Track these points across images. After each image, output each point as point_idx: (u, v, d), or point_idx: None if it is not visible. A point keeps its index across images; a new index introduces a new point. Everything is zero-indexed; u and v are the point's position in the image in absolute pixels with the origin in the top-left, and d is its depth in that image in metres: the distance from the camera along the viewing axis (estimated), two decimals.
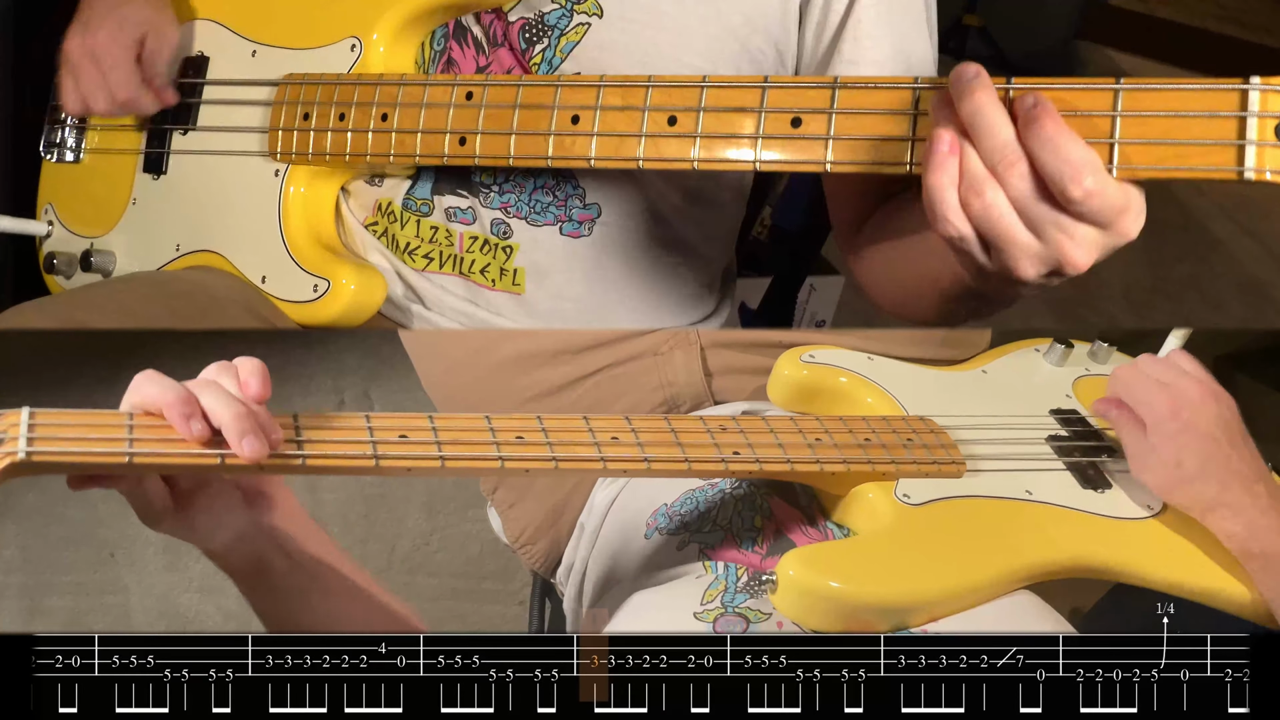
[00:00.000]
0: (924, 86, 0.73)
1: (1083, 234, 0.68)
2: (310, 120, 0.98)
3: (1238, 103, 0.65)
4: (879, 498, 0.83)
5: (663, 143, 0.81)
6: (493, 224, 1.03)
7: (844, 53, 0.97)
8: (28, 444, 0.63)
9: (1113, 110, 0.67)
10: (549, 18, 0.98)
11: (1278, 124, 0.64)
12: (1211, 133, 0.66)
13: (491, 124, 0.88)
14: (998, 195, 0.68)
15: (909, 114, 0.73)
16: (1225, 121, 0.65)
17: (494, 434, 0.74)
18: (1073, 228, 0.67)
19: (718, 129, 0.80)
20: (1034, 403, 0.96)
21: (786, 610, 0.77)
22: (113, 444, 0.64)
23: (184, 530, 0.71)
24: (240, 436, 0.64)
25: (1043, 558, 0.81)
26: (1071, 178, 0.65)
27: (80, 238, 1.15)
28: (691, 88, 0.80)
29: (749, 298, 1.34)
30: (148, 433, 0.65)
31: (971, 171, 0.68)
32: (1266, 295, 2.44)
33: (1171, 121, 0.66)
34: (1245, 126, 0.65)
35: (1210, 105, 0.66)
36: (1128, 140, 0.67)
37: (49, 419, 0.65)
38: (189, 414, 0.64)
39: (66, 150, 1.16)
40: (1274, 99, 0.64)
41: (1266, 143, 0.64)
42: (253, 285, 1.02)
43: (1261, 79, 0.65)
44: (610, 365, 1.06)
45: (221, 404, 0.65)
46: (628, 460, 0.76)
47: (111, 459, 0.64)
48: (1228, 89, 0.65)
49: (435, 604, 1.81)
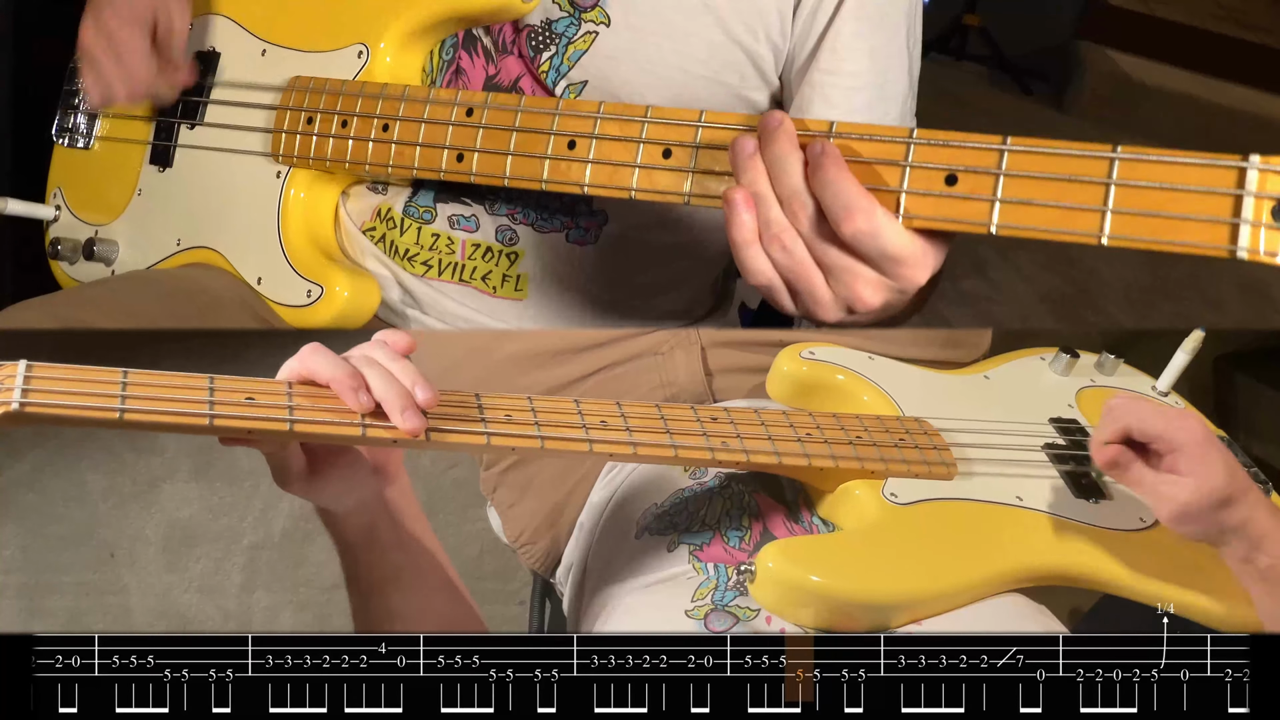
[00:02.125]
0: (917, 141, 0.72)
1: (867, 275, 0.72)
2: (313, 125, 0.98)
3: (1235, 180, 0.64)
4: (866, 495, 0.83)
5: (656, 175, 0.82)
6: (498, 231, 1.03)
7: (821, 62, 0.98)
8: (22, 395, 0.64)
9: (1107, 179, 0.66)
10: (557, 25, 0.98)
11: (1274, 205, 0.62)
12: (1207, 209, 0.64)
13: (489, 143, 0.89)
14: (796, 242, 0.72)
15: (901, 165, 0.72)
16: (1221, 199, 0.64)
17: (482, 410, 0.75)
18: (857, 268, 0.72)
19: (712, 165, 0.80)
20: (1034, 410, 0.96)
21: (765, 601, 0.77)
22: (106, 399, 0.65)
23: (313, 493, 0.75)
24: (401, 411, 0.69)
25: (1025, 563, 0.81)
26: (844, 218, 0.70)
27: (86, 224, 1.15)
28: (688, 126, 0.81)
29: (749, 298, 1.34)
30: (140, 390, 0.66)
31: (772, 220, 0.73)
32: (1266, 295, 2.44)
33: (1167, 194, 0.65)
34: (1241, 205, 0.63)
35: (1207, 181, 0.64)
36: (1121, 210, 0.66)
37: (46, 372, 0.66)
38: (356, 387, 0.69)
39: (79, 136, 1.17)
40: (1273, 180, 0.63)
41: (1261, 223, 0.63)
42: (249, 285, 1.02)
43: (1261, 158, 0.63)
44: (611, 365, 1.06)
45: (384, 382, 0.70)
46: (614, 444, 0.77)
47: (103, 414, 0.65)
48: (1226, 166, 0.64)
49: None
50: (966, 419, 0.91)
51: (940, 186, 0.71)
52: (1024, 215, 0.68)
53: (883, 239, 0.70)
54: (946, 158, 0.71)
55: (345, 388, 0.69)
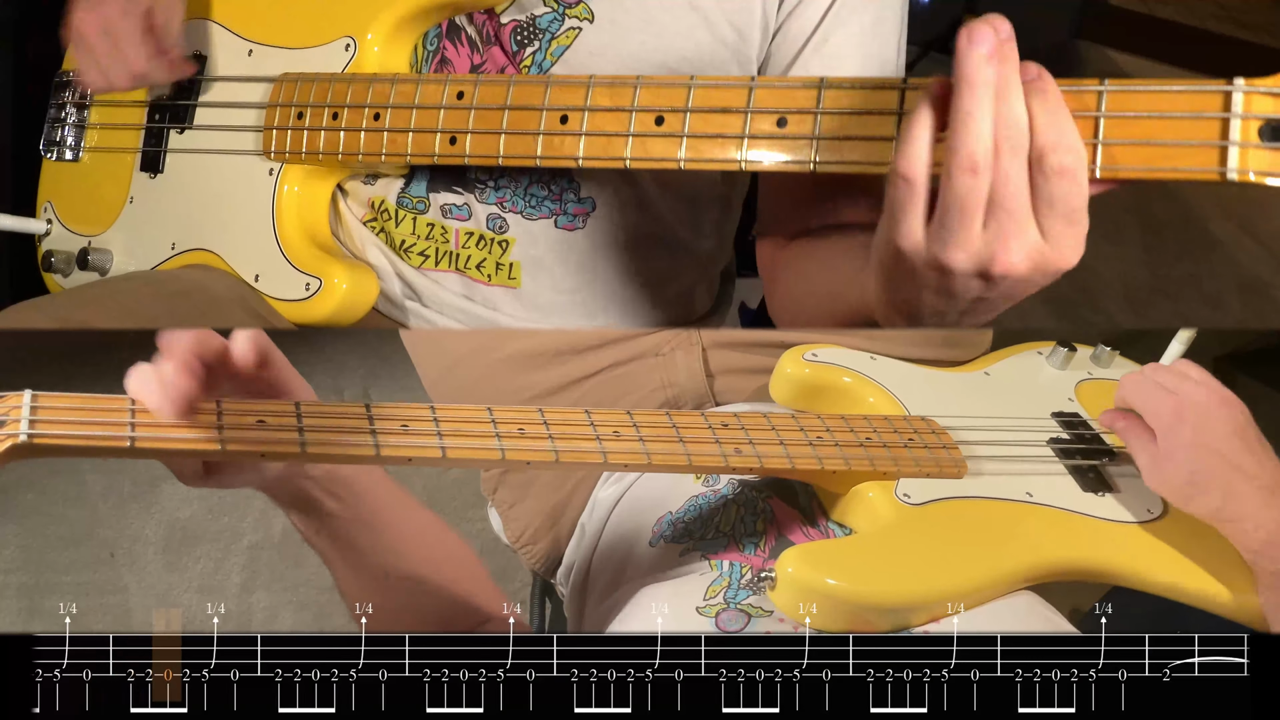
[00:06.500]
0: (909, 86, 0.73)
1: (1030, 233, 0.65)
2: (304, 120, 0.98)
3: (1221, 104, 0.65)
4: (879, 497, 0.83)
5: (650, 142, 0.81)
6: (488, 219, 1.03)
7: (810, 66, 0.98)
8: (29, 426, 0.63)
9: (1097, 111, 0.67)
10: (540, 21, 0.98)
11: (1260, 125, 0.64)
12: (1195, 134, 0.65)
13: (482, 124, 0.89)
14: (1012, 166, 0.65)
15: (894, 114, 0.73)
16: (1209, 123, 0.65)
17: (495, 425, 0.74)
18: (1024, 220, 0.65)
19: (704, 129, 0.79)
20: (1036, 405, 0.96)
21: (785, 607, 0.77)
22: (115, 428, 0.65)
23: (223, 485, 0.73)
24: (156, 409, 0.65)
25: (1041, 560, 0.81)
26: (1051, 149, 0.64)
27: (78, 236, 1.15)
28: (679, 87, 0.80)
29: (749, 298, 1.34)
30: (150, 417, 0.66)
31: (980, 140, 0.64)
32: (1266, 295, 2.43)
33: (1156, 123, 0.66)
34: (1229, 127, 0.64)
35: (1194, 106, 0.65)
36: (1112, 141, 0.67)
37: (51, 402, 0.65)
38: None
39: (66, 149, 1.16)
40: (1257, 100, 0.64)
41: (1249, 144, 0.64)
42: (248, 284, 1.02)
43: (1245, 80, 0.64)
44: (612, 365, 1.06)
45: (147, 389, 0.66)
46: (629, 454, 0.77)
47: (113, 443, 0.64)
48: (1211, 90, 0.65)
49: None
50: (971, 416, 0.91)
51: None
52: None
53: (1081, 183, 0.65)
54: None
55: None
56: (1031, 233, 0.65)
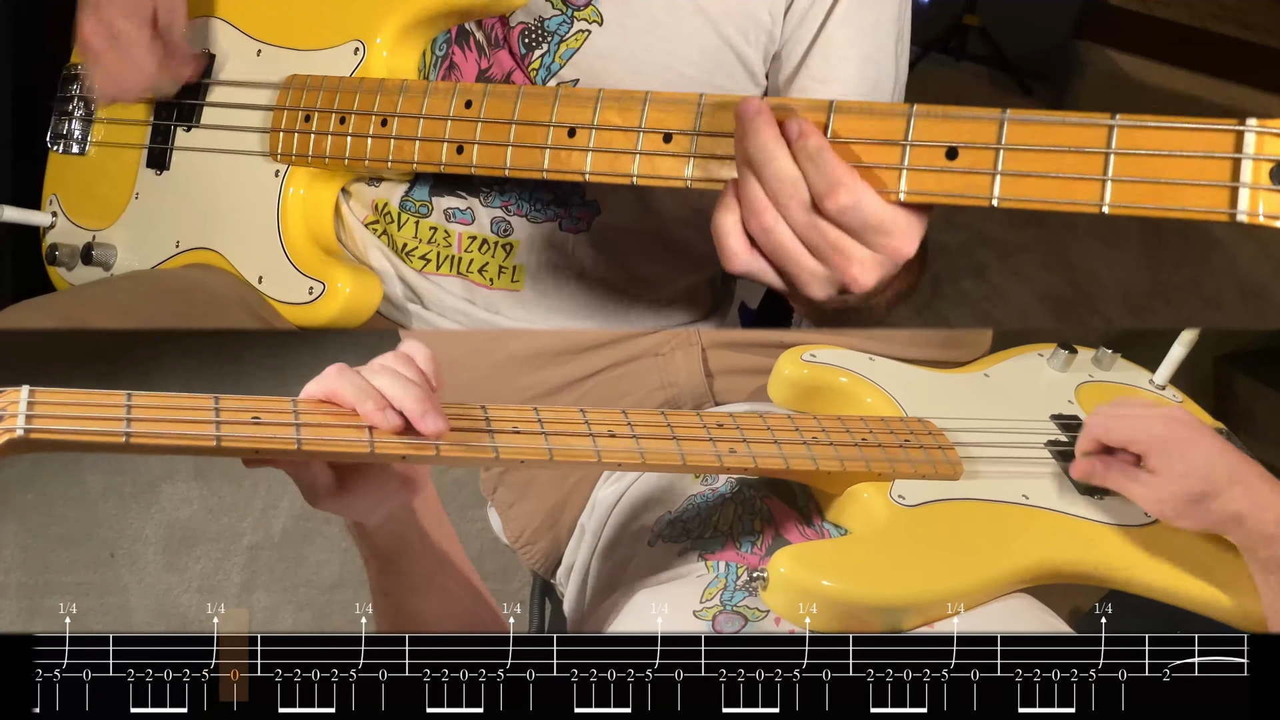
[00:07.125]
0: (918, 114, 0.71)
1: (859, 254, 0.72)
2: (311, 123, 0.98)
3: (1233, 144, 0.64)
4: (874, 498, 0.83)
5: (658, 161, 0.81)
6: (493, 222, 1.03)
7: (813, 69, 0.99)
8: (26, 421, 0.63)
9: (1106, 148, 0.66)
10: (549, 24, 0.98)
11: (1272, 168, 0.63)
12: (1206, 174, 0.64)
13: (489, 135, 0.89)
14: (778, 222, 0.72)
15: (901, 144, 0.72)
16: (1220, 163, 0.64)
17: (490, 424, 0.74)
18: (849, 248, 0.71)
19: (713, 150, 0.79)
20: (1036, 407, 0.96)
21: (777, 607, 0.77)
22: (111, 423, 0.65)
23: (343, 509, 0.75)
24: (422, 415, 0.69)
25: (1036, 562, 0.81)
26: (827, 193, 0.70)
27: (83, 230, 1.15)
28: (688, 105, 0.80)
29: (749, 298, 1.34)
30: (145, 413, 0.66)
31: (754, 201, 0.72)
32: (1266, 296, 2.44)
33: (1166, 161, 0.65)
34: (1240, 168, 0.63)
35: (1205, 146, 0.65)
36: (1121, 178, 0.66)
37: (49, 397, 0.65)
38: (383, 407, 0.69)
39: (73, 142, 1.16)
40: (1270, 142, 0.63)
41: (1260, 186, 0.63)
42: (251, 285, 1.02)
43: (1258, 121, 0.63)
44: (611, 365, 1.06)
45: (401, 388, 0.70)
46: (623, 453, 0.77)
47: (109, 439, 0.65)
48: (1223, 130, 0.64)
49: None
50: (969, 418, 0.91)
51: (941, 161, 0.70)
52: (1025, 187, 0.69)
53: (865, 211, 0.70)
54: (947, 132, 0.70)
55: (370, 410, 0.69)
56: (858, 252, 0.72)
